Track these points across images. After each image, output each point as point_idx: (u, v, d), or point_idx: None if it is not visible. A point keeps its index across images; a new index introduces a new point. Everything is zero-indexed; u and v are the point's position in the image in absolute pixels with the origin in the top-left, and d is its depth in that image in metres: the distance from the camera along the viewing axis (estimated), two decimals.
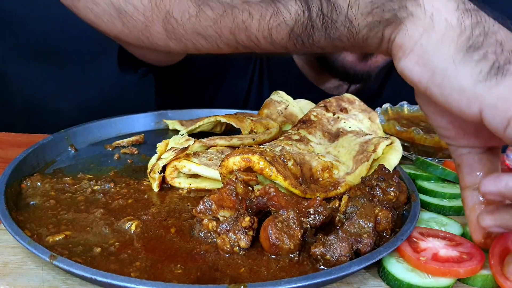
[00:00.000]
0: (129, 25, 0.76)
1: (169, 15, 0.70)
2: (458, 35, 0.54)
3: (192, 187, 0.85)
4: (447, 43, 0.55)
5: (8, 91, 2.41)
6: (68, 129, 0.99)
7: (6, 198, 0.73)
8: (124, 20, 0.75)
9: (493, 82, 0.52)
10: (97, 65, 1.98)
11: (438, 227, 0.76)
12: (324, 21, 0.61)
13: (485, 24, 0.55)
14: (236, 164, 0.76)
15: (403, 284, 0.63)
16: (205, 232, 0.69)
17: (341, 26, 0.61)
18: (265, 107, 1.11)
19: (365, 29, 0.60)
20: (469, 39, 0.54)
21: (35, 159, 0.89)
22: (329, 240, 0.64)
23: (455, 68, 0.54)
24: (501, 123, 0.52)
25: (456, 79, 0.54)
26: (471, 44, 0.54)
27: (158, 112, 1.14)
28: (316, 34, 0.63)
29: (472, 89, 0.53)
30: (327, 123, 0.98)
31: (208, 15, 0.68)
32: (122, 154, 0.98)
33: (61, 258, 0.59)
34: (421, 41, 0.56)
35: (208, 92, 1.43)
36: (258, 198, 0.70)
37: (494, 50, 0.53)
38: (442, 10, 0.56)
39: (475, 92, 0.53)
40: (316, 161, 0.85)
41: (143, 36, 0.76)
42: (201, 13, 0.68)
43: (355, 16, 0.60)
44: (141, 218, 0.74)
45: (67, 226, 0.71)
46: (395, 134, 1.03)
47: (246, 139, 0.93)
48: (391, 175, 0.79)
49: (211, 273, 0.62)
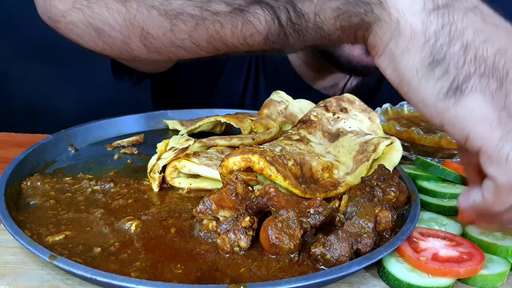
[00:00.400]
0: (109, 43, 0.77)
1: (144, 32, 0.71)
2: (422, 45, 0.55)
3: (192, 187, 0.85)
4: (413, 52, 0.56)
5: (8, 91, 2.41)
6: (68, 129, 0.99)
7: (6, 198, 0.73)
8: (103, 39, 0.76)
9: (451, 101, 0.55)
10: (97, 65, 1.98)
11: (438, 227, 0.76)
12: (295, 28, 0.62)
13: (451, 27, 0.55)
14: (236, 164, 0.76)
15: (403, 284, 0.63)
16: (205, 232, 0.69)
17: (312, 31, 0.62)
18: (265, 107, 1.11)
19: (336, 32, 0.61)
20: (432, 51, 0.55)
21: (35, 159, 0.89)
22: (329, 240, 0.64)
23: (418, 83, 0.56)
24: (461, 138, 0.56)
25: (419, 93, 0.57)
26: (434, 57, 0.55)
27: (158, 112, 1.14)
28: (290, 39, 0.64)
29: (433, 105, 0.56)
30: (327, 123, 0.98)
31: (182, 29, 0.68)
32: (122, 154, 0.98)
33: (61, 258, 0.59)
34: (390, 46, 0.58)
35: (203, 91, 1.44)
36: (258, 198, 0.70)
37: (456, 63, 0.54)
38: (407, 13, 0.56)
39: (436, 108, 0.56)
40: (316, 161, 0.85)
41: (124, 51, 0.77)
42: (174, 27, 0.69)
43: (323, 21, 0.60)
44: (141, 218, 0.74)
45: (67, 226, 0.71)
46: (395, 134, 1.03)
47: (246, 139, 0.93)
48: (391, 175, 0.79)
49: (211, 273, 0.62)
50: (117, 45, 0.76)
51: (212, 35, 0.67)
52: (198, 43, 0.70)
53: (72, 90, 2.39)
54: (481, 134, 0.54)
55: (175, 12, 0.67)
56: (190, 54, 0.73)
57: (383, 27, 0.58)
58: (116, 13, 0.71)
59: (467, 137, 0.55)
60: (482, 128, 0.54)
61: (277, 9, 0.62)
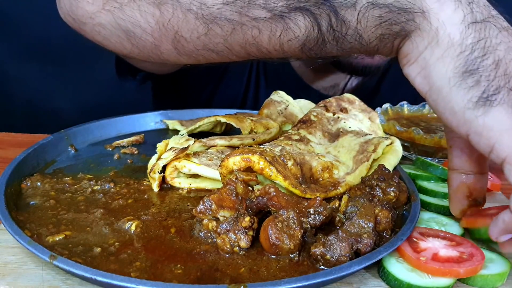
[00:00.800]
0: (139, 46, 0.76)
1: (178, 35, 0.71)
2: (457, 55, 0.57)
3: (192, 187, 0.85)
4: (447, 61, 0.58)
5: (8, 91, 2.41)
6: (68, 129, 0.99)
7: (6, 198, 0.73)
8: (133, 42, 0.76)
9: (480, 111, 0.57)
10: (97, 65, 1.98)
11: (438, 227, 0.76)
12: (335, 35, 0.62)
13: (486, 41, 0.57)
14: (236, 164, 0.76)
15: (403, 284, 0.63)
16: (205, 232, 0.69)
17: (351, 39, 0.62)
18: (265, 107, 1.11)
19: (375, 41, 0.62)
20: (466, 61, 0.57)
21: (35, 159, 0.89)
22: (329, 240, 0.64)
23: (449, 91, 0.58)
24: (485, 149, 0.58)
25: (449, 101, 0.58)
26: (467, 68, 0.57)
27: (158, 112, 1.14)
28: (327, 46, 0.64)
29: (461, 114, 0.58)
30: (327, 123, 0.98)
31: (218, 33, 0.68)
32: (122, 154, 0.98)
33: (61, 258, 0.59)
34: (424, 54, 0.59)
35: (205, 92, 1.44)
36: (258, 198, 0.70)
37: (488, 75, 0.57)
38: (447, 23, 0.58)
39: (464, 117, 0.58)
40: (316, 161, 0.85)
41: (153, 54, 0.77)
42: (210, 32, 0.68)
43: (364, 30, 0.61)
44: (141, 218, 0.74)
45: (67, 226, 0.71)
46: (395, 134, 1.03)
47: (246, 139, 0.93)
48: (391, 175, 0.79)
49: (211, 273, 0.62)
50: (147, 48, 0.76)
51: (248, 41, 0.67)
52: (231, 47, 0.69)
53: (72, 90, 2.39)
54: (506, 144, 0.56)
55: (213, 16, 0.66)
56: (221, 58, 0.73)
57: (421, 36, 0.59)
58: (149, 16, 0.71)
59: (492, 147, 0.57)
60: (508, 138, 0.56)
61: (318, 16, 0.62)
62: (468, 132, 0.58)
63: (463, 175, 0.70)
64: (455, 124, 0.59)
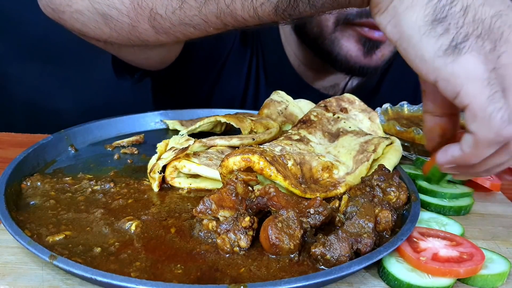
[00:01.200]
0: (117, 28, 0.77)
1: (153, 12, 0.71)
2: (426, 3, 0.58)
3: (192, 187, 0.85)
4: (417, 10, 0.59)
5: (8, 91, 2.41)
6: (68, 129, 0.99)
7: (6, 198, 0.73)
8: (110, 25, 0.76)
9: (449, 59, 0.58)
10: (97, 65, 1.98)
11: (438, 227, 0.76)
12: None
13: None
14: (236, 164, 0.76)
15: (403, 284, 0.63)
16: (205, 232, 0.69)
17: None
18: (265, 107, 1.11)
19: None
20: (435, 10, 0.58)
21: (35, 159, 0.89)
22: (329, 240, 0.64)
23: (419, 39, 0.59)
24: (452, 94, 0.60)
25: (419, 49, 0.60)
26: (436, 16, 0.58)
27: (158, 112, 1.14)
28: (300, 5, 0.65)
29: (431, 62, 0.59)
30: (327, 123, 0.98)
31: (192, 5, 0.69)
32: (122, 154, 0.98)
33: (61, 258, 0.59)
34: (394, 3, 0.61)
35: (204, 91, 1.44)
36: (258, 198, 0.70)
37: (456, 22, 0.58)
38: None
39: (433, 65, 0.59)
40: (316, 161, 0.85)
41: (132, 36, 0.77)
42: (184, 5, 0.69)
43: None
44: (141, 218, 0.74)
45: (67, 226, 0.71)
46: (395, 134, 1.03)
47: (246, 139, 0.93)
48: (391, 175, 0.79)
49: (211, 273, 0.62)
50: (125, 30, 0.76)
51: (222, 10, 0.68)
52: (207, 19, 0.70)
53: (72, 90, 2.39)
54: (471, 92, 0.58)
55: None
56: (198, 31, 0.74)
57: None
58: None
59: (457, 93, 0.59)
60: (473, 86, 0.58)
61: None
62: (437, 79, 0.60)
63: (436, 117, 0.73)
64: (424, 71, 0.61)
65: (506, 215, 0.86)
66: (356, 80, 1.42)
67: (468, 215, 0.85)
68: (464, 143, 0.63)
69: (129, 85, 1.34)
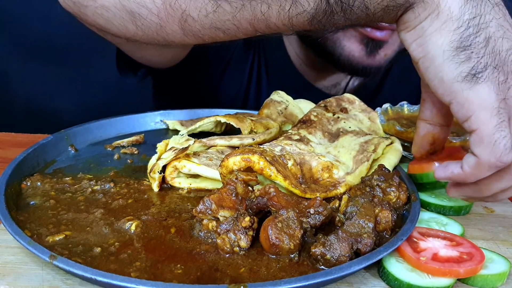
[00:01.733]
0: (143, 27, 0.75)
1: (185, 14, 0.70)
2: (454, 29, 0.62)
3: (192, 187, 0.85)
4: (444, 34, 0.63)
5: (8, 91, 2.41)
6: (68, 129, 0.99)
7: (6, 198, 0.73)
8: (137, 23, 0.75)
9: (467, 86, 0.62)
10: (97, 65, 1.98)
11: (438, 227, 0.76)
12: (343, 7, 0.65)
13: (481, 18, 0.62)
14: (236, 164, 0.76)
15: (403, 284, 0.63)
16: (205, 232, 0.69)
17: (358, 10, 0.65)
18: (265, 107, 1.11)
19: (380, 12, 0.65)
20: (461, 37, 0.62)
21: (35, 159, 0.89)
22: (329, 240, 0.64)
23: (442, 62, 0.63)
24: (463, 117, 0.64)
25: (440, 71, 0.64)
26: (461, 43, 0.62)
27: (158, 112, 1.14)
28: (335, 17, 0.66)
29: (449, 85, 0.63)
30: (327, 123, 0.98)
31: (226, 10, 0.68)
32: (122, 154, 0.98)
33: (61, 258, 0.59)
34: (423, 24, 0.64)
35: (205, 91, 1.44)
36: (258, 198, 0.70)
37: (478, 52, 0.62)
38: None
39: (451, 88, 0.63)
40: (316, 161, 0.85)
41: (158, 36, 0.76)
42: (219, 9, 0.68)
43: (371, 1, 0.64)
44: (141, 218, 0.74)
45: (67, 226, 0.71)
46: (395, 134, 1.03)
47: (246, 139, 0.93)
48: (391, 175, 0.79)
49: (211, 273, 0.62)
50: (152, 29, 0.75)
51: (257, 16, 0.68)
52: (240, 24, 0.70)
53: (72, 90, 2.39)
54: (481, 119, 0.62)
55: None
56: (227, 36, 0.74)
57: (423, 7, 0.63)
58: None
59: (468, 118, 0.63)
60: (484, 114, 0.62)
61: None
62: (452, 101, 0.64)
63: (431, 126, 0.77)
64: (440, 92, 0.65)
65: (506, 215, 0.86)
66: (358, 79, 1.42)
67: (468, 215, 0.85)
68: (466, 163, 0.67)
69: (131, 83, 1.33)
